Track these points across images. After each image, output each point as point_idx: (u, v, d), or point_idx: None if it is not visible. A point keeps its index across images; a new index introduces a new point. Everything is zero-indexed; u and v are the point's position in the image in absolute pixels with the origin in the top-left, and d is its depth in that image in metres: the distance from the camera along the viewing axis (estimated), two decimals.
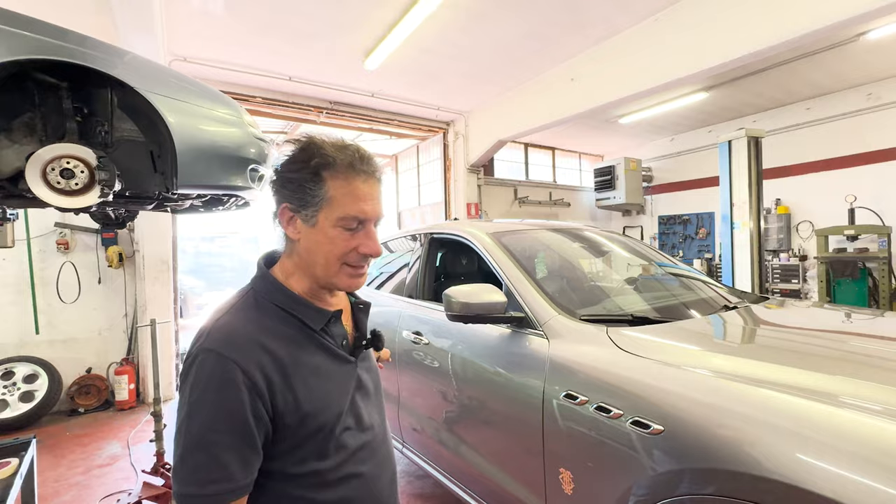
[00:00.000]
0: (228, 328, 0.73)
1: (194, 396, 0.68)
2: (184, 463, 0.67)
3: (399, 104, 5.98)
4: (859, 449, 0.89)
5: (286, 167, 0.78)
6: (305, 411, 0.73)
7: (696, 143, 7.80)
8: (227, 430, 0.67)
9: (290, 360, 0.74)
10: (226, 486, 0.66)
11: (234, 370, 0.68)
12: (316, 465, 0.75)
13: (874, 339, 1.64)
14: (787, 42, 3.24)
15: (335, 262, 0.78)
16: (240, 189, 2.28)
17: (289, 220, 0.79)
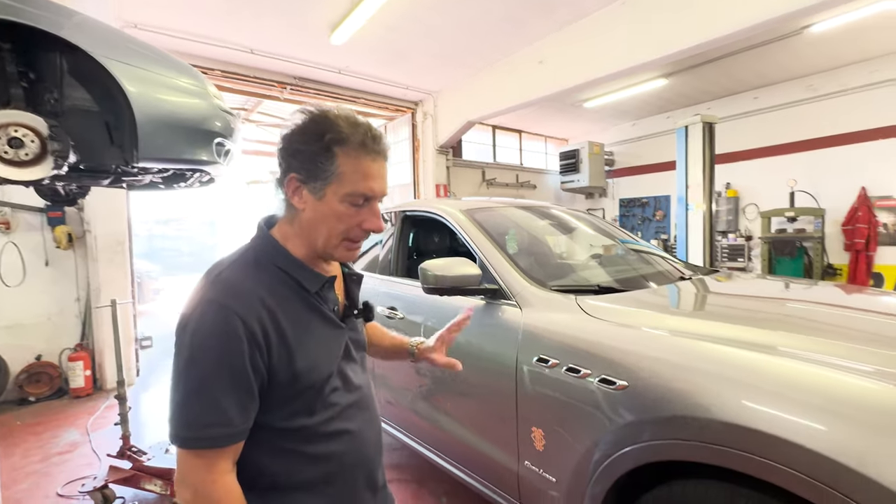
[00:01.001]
0: (230, 281, 0.75)
1: (196, 344, 0.70)
2: (184, 407, 0.69)
3: (367, 82, 5.86)
4: (791, 391, 1.02)
5: (297, 138, 0.78)
6: (297, 368, 0.76)
7: (655, 128, 8.12)
8: (226, 378, 0.69)
9: (285, 319, 0.76)
10: (225, 430, 0.69)
11: (236, 321, 0.70)
12: (305, 420, 0.78)
13: (807, 303, 1.84)
14: (740, 31, 3.44)
15: (337, 236, 0.81)
16: (205, 164, 2.21)
17: (295, 189, 0.80)
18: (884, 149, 5.66)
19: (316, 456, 0.80)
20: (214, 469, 0.69)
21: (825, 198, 6.12)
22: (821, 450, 0.90)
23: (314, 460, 0.80)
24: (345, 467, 0.83)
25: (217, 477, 0.69)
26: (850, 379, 1.02)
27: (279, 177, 0.82)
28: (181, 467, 0.70)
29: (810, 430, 0.94)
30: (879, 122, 5.63)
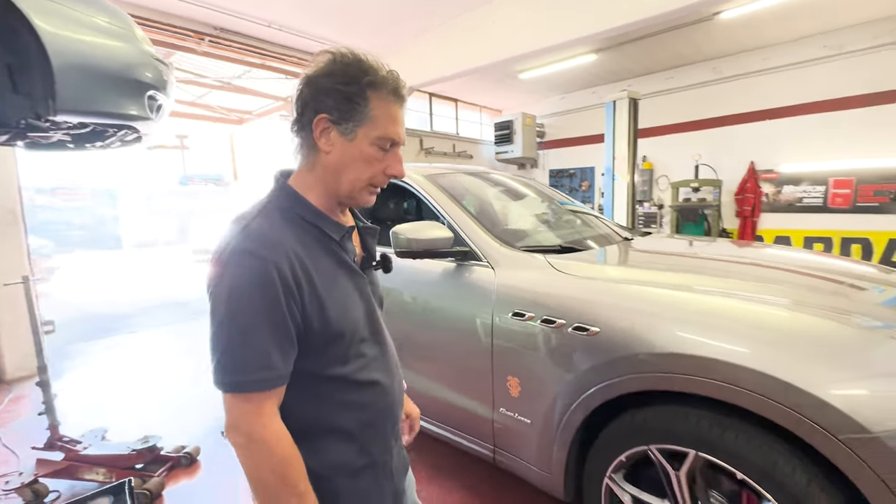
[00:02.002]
0: (261, 231, 0.74)
1: (235, 294, 0.70)
2: (231, 354, 0.70)
3: (300, 39, 5.43)
4: (708, 318, 1.28)
5: (334, 78, 0.77)
6: (329, 316, 0.77)
7: (582, 102, 8.55)
8: (267, 324, 0.70)
9: (314, 268, 0.77)
10: (270, 374, 0.71)
11: (272, 269, 0.70)
12: (339, 369, 0.81)
13: (712, 254, 2.14)
14: (665, 13, 3.74)
15: (364, 180, 0.81)
16: (134, 119, 1.98)
17: (323, 130, 0.78)
18: (769, 128, 6.53)
19: (349, 403, 0.82)
20: (263, 412, 0.71)
21: (722, 171, 6.96)
22: (743, 363, 1.14)
23: (348, 408, 0.82)
24: (375, 416, 0.86)
25: (266, 420, 0.71)
26: (761, 307, 1.28)
27: (300, 118, 0.80)
28: (231, 414, 0.72)
29: (734, 350, 1.18)
30: (768, 104, 6.46)
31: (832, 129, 6.01)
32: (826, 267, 1.86)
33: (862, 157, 5.85)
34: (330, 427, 0.81)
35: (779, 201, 6.75)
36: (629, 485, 1.44)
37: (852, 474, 1.03)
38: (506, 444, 1.74)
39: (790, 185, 6.62)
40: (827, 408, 1.04)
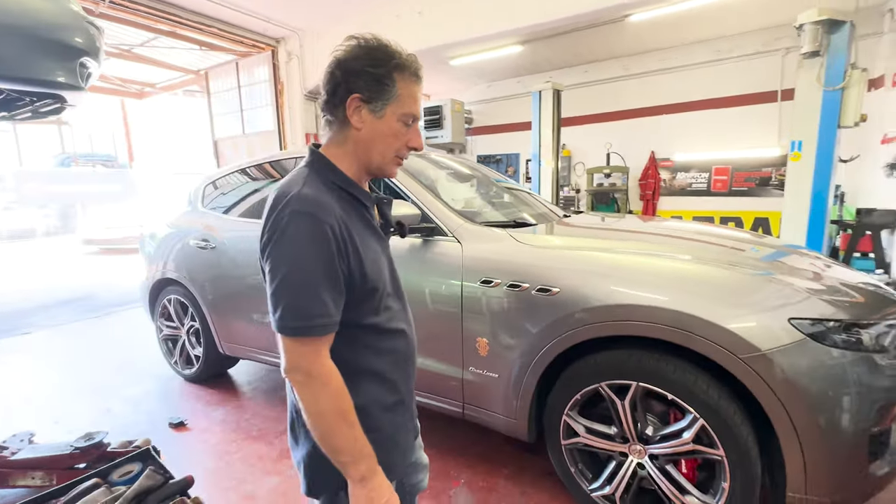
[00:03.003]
0: (312, 195, 0.82)
1: (296, 250, 0.78)
2: (294, 303, 0.78)
3: (219, 7, 5.03)
4: (631, 274, 1.60)
5: (365, 61, 0.85)
6: (366, 272, 0.86)
7: (507, 91, 8.95)
8: (323, 276, 0.80)
9: (353, 228, 0.85)
10: (327, 320, 0.80)
11: (327, 228, 0.79)
12: (373, 318, 0.91)
13: (631, 227, 2.53)
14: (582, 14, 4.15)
15: (392, 152, 0.91)
16: (63, 88, 1.83)
17: (355, 108, 0.86)
18: (666, 122, 7.44)
19: (381, 349, 0.93)
20: (320, 354, 0.81)
21: (630, 158, 7.80)
22: (665, 305, 1.48)
23: (380, 352, 0.93)
24: (401, 360, 0.98)
25: (323, 361, 0.81)
26: (674, 263, 1.62)
27: (332, 98, 0.88)
28: (291, 356, 0.80)
29: (656, 297, 1.50)
30: (666, 100, 7.35)
31: (715, 124, 7.03)
32: (713, 234, 2.30)
33: (737, 149, 6.94)
34: (367, 369, 0.91)
35: (674, 186, 7.76)
36: (583, 419, 1.72)
37: (749, 383, 1.37)
38: (474, 399, 1.94)
39: (683, 172, 7.64)
40: (730, 334, 1.38)
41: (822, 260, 2.00)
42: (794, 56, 6.23)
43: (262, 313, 2.63)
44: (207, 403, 2.84)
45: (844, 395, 1.34)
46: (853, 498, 1.42)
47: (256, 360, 2.83)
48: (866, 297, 1.54)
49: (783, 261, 1.86)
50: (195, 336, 3.09)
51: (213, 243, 2.83)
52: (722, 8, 5.26)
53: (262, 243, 0.82)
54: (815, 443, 1.34)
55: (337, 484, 0.86)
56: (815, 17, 3.52)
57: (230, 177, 3.09)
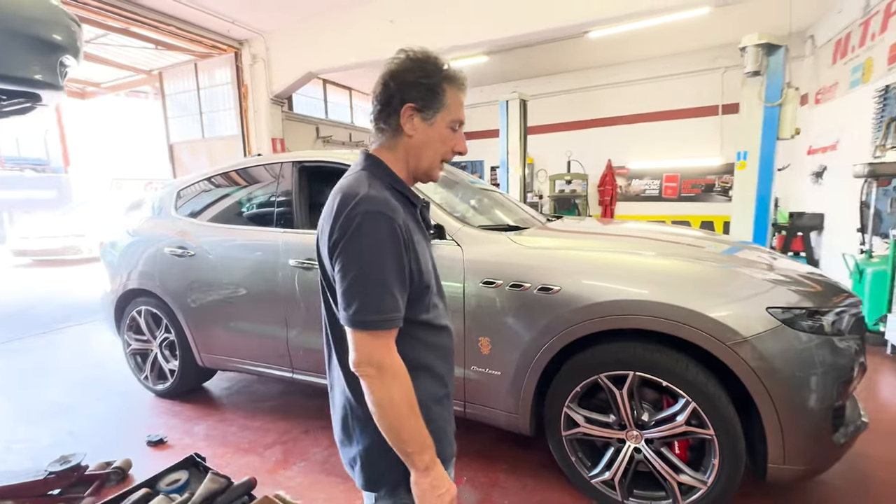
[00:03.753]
0: (380, 196, 0.85)
1: (370, 248, 0.82)
2: (368, 297, 0.82)
3: (180, 6, 4.83)
4: (626, 272, 1.74)
5: (418, 73, 0.91)
6: (421, 269, 0.91)
7: (472, 100, 9.12)
8: (396, 274, 0.84)
9: (410, 228, 0.90)
10: (396, 315, 0.84)
11: (397, 229, 0.84)
12: (425, 315, 0.95)
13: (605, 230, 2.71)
14: (551, 29, 4.37)
15: (439, 156, 0.97)
16: (41, 86, 1.75)
17: (409, 117, 0.92)
18: (622, 132, 7.92)
19: (432, 344, 0.97)
20: (389, 346, 0.84)
21: (589, 166, 8.20)
22: (660, 300, 1.61)
23: (431, 348, 0.97)
24: (447, 354, 1.02)
25: (393, 354, 0.85)
26: (661, 260, 1.77)
27: (386, 108, 0.93)
28: (364, 349, 0.82)
29: (640, 291, 1.64)
30: (621, 111, 7.82)
31: (666, 135, 7.56)
32: (674, 233, 2.50)
33: (685, 158, 7.49)
34: (421, 364, 0.94)
35: (629, 192, 8.24)
36: (582, 409, 1.83)
37: (735, 367, 1.53)
38: (476, 397, 2.00)
39: (637, 179, 8.14)
40: (717, 323, 1.53)
41: (768, 253, 2.23)
42: (733, 74, 6.86)
43: (248, 321, 2.56)
44: (187, 419, 2.70)
45: (813, 375, 1.53)
46: (822, 465, 1.61)
47: (240, 370, 2.73)
48: (821, 286, 1.76)
49: (739, 255, 2.07)
50: (169, 349, 2.94)
51: (190, 250, 2.72)
52: (669, 28, 5.71)
53: (330, 241, 0.85)
54: (792, 418, 1.51)
55: (396, 477, 0.90)
56: (756, 40, 3.92)
57: (207, 181, 2.99)
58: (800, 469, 1.55)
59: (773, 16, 5.50)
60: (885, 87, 4.30)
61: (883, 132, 4.22)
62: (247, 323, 2.57)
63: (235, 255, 2.59)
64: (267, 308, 2.47)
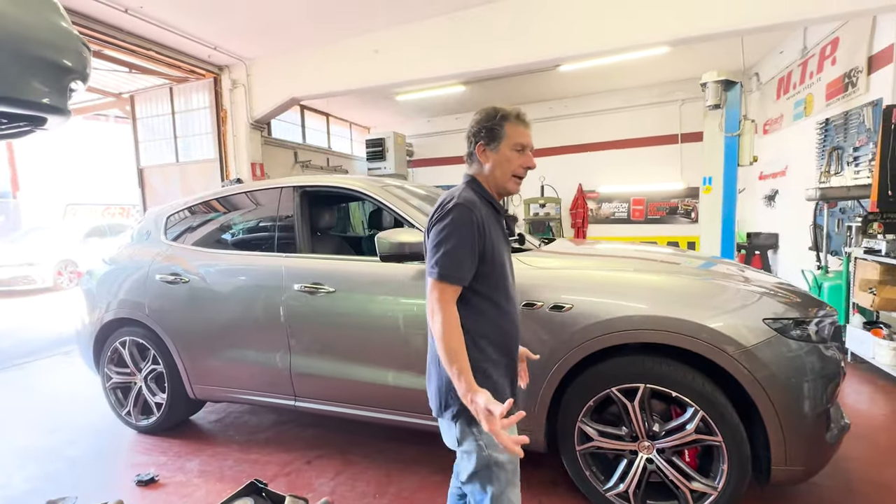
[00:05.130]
0: (469, 197, 1.22)
1: (455, 227, 1.16)
2: (446, 259, 1.15)
3: (164, 32, 4.79)
4: (633, 290, 1.85)
5: (484, 122, 1.27)
6: (493, 257, 1.23)
7: (446, 127, 9.42)
8: (468, 249, 1.17)
9: (489, 223, 1.23)
10: (465, 275, 1.18)
11: (473, 216, 1.18)
12: (494, 293, 1.25)
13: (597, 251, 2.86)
14: (520, 65, 4.67)
15: (511, 172, 1.29)
16: (49, 111, 1.73)
17: (481, 151, 1.28)
18: (591, 158, 8.34)
19: (495, 321, 1.26)
20: (453, 298, 1.17)
21: (561, 191, 8.55)
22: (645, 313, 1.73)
23: (494, 324, 1.25)
24: (507, 335, 1.29)
25: (450, 302, 1.16)
26: (660, 277, 1.89)
27: (469, 151, 1.31)
28: (437, 295, 1.15)
29: (648, 307, 1.76)
30: (590, 139, 8.25)
31: (632, 161, 8.02)
32: (652, 251, 2.67)
33: (650, 182, 7.95)
34: (485, 332, 1.23)
35: (600, 215, 8.62)
36: (595, 423, 1.89)
37: (738, 375, 1.65)
38: None
39: (607, 203, 8.54)
40: (720, 334, 1.66)
41: (737, 266, 2.42)
42: (690, 106, 7.44)
43: (248, 349, 2.49)
44: (178, 455, 2.56)
45: (806, 381, 1.67)
46: (818, 464, 1.73)
47: (236, 400, 2.64)
48: (800, 297, 1.93)
49: (714, 269, 2.24)
50: (156, 381, 2.80)
51: (184, 277, 2.64)
52: (633, 65, 6.17)
53: (430, 222, 1.23)
54: (792, 422, 1.64)
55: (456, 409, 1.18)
56: (715, 77, 4.32)
57: (200, 207, 2.93)
58: (800, 469, 1.67)
59: (723, 55, 6.06)
60: (826, 121, 4.80)
61: (826, 160, 4.69)
62: (245, 351, 2.50)
63: (234, 281, 2.54)
64: (269, 334, 2.42)
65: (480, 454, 1.18)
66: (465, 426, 1.18)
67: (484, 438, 1.16)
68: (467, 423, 1.18)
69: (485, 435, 1.15)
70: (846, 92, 4.45)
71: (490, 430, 1.03)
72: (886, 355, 3.21)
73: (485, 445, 1.17)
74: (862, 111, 4.15)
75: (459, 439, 1.21)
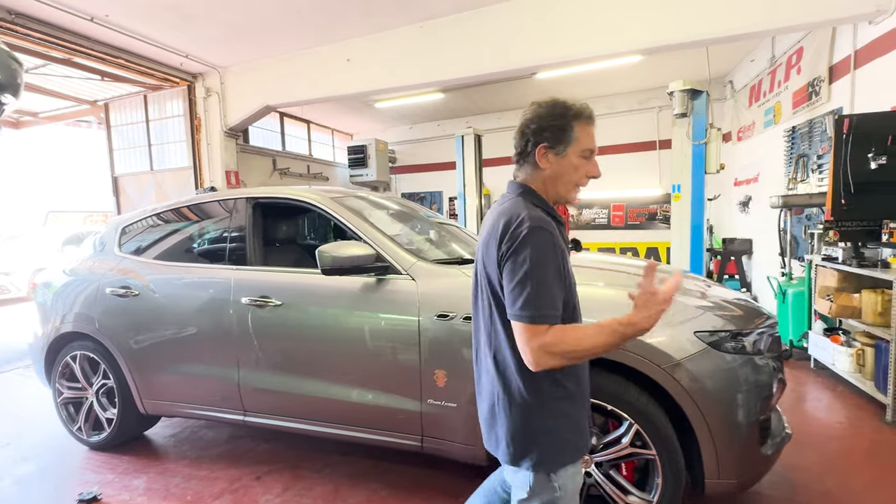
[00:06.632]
0: (540, 216, 1.02)
1: (538, 257, 0.97)
2: (537, 297, 0.95)
3: (133, 40, 4.75)
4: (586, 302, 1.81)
5: (549, 119, 1.06)
6: (570, 279, 1.07)
7: (429, 133, 9.44)
8: (557, 280, 0.99)
9: (562, 242, 1.05)
10: (558, 312, 0.99)
11: (557, 241, 1.01)
12: (570, 320, 1.06)
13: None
14: (495, 73, 4.69)
15: (575, 182, 1.11)
16: None
17: (542, 154, 1.07)
18: None
19: None
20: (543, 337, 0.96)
21: None
22: None
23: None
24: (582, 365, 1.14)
25: (555, 336, 0.95)
26: (607, 291, 1.88)
27: (525, 148, 1.10)
28: (526, 337, 0.96)
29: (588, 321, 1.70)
30: None
31: (611, 167, 8.05)
32: (620, 262, 2.67)
33: (629, 189, 8.01)
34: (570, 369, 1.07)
35: (581, 221, 8.66)
36: None
37: (670, 388, 1.65)
38: (433, 431, 2.01)
39: (587, 209, 8.59)
40: (652, 348, 1.65)
41: (703, 281, 2.44)
42: (666, 113, 7.51)
43: (197, 363, 2.45)
44: (124, 472, 2.51)
45: (739, 393, 1.67)
46: (752, 477, 1.74)
47: (186, 415, 2.60)
48: (742, 311, 1.94)
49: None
50: (107, 396, 2.75)
51: (134, 290, 2.61)
52: (608, 73, 6.24)
53: (499, 254, 1.01)
54: (723, 434, 1.64)
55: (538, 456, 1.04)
56: (681, 86, 4.37)
57: (154, 219, 2.90)
58: (732, 482, 1.66)
59: (696, 63, 6.15)
60: (793, 128, 4.87)
61: (793, 167, 4.76)
62: (195, 365, 2.47)
63: (183, 294, 2.51)
64: (217, 348, 2.39)
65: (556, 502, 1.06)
66: (545, 477, 1.05)
67: (559, 480, 1.05)
68: (547, 473, 1.04)
69: (560, 478, 1.05)
70: (810, 101, 4.53)
71: (658, 309, 0.95)
72: (845, 362, 3.24)
73: (561, 493, 1.05)
74: (825, 120, 4.22)
75: (534, 489, 1.05)
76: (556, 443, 1.05)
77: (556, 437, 1.06)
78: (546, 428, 1.05)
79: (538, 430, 1.05)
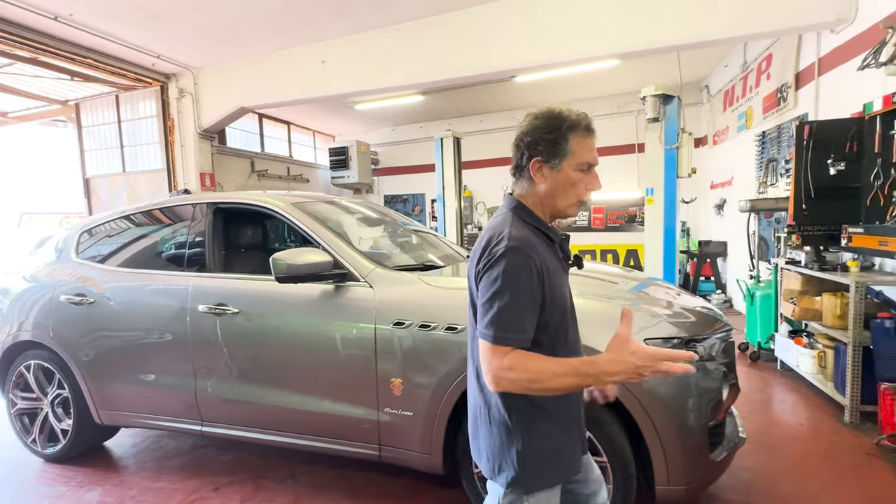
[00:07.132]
0: (521, 236, 0.98)
1: (509, 278, 0.93)
2: (503, 318, 0.92)
3: (101, 40, 4.65)
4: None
5: (542, 131, 1.01)
6: (554, 299, 1.00)
7: (411, 135, 9.41)
8: (528, 302, 0.95)
9: (549, 263, 1.00)
10: (525, 336, 0.95)
11: (532, 264, 0.95)
12: (553, 343, 1.03)
13: None
14: (475, 76, 4.69)
15: (573, 197, 1.05)
16: None
17: (537, 169, 1.03)
18: None
19: None
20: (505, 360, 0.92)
21: None
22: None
23: None
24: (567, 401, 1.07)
25: (519, 360, 0.92)
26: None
27: (520, 162, 1.06)
28: (488, 356, 0.93)
29: None
30: None
31: None
32: (595, 269, 2.71)
33: (609, 191, 8.08)
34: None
35: (561, 223, 8.70)
36: None
37: (629, 405, 1.65)
38: (391, 440, 1.99)
39: None
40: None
41: (673, 289, 2.46)
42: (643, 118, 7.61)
43: (152, 372, 2.40)
44: (79, 485, 2.44)
45: (689, 398, 1.68)
46: (701, 483, 1.75)
47: (143, 426, 2.54)
48: (699, 318, 1.95)
49: (646, 291, 2.26)
50: (62, 406, 2.67)
51: (90, 297, 2.54)
52: (587, 77, 6.28)
53: (477, 268, 0.99)
54: (672, 440, 1.65)
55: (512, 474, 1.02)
56: (653, 91, 4.42)
57: (113, 223, 2.83)
58: (681, 488, 1.67)
59: (673, 68, 6.23)
60: (763, 133, 4.96)
61: (764, 171, 4.84)
62: (150, 374, 2.41)
63: (140, 302, 2.45)
64: (173, 358, 2.34)
65: None
66: (517, 499, 1.03)
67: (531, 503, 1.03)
68: (519, 495, 1.03)
69: (532, 501, 1.02)
70: (779, 106, 4.62)
71: (659, 369, 0.89)
72: (808, 363, 3.30)
73: None
74: (791, 125, 4.30)
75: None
76: (533, 465, 1.02)
77: (533, 459, 1.02)
78: (523, 448, 1.02)
79: (515, 448, 1.02)
